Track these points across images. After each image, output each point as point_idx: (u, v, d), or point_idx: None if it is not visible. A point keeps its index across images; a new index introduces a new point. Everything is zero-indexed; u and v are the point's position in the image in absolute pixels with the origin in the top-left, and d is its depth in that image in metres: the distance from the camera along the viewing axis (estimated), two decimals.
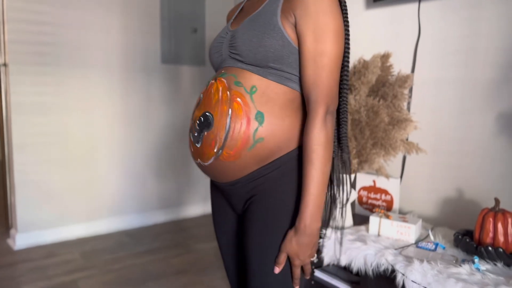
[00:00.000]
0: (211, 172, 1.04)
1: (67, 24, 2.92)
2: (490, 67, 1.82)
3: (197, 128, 1.00)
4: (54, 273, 2.50)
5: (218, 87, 0.99)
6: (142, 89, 3.32)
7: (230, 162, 0.98)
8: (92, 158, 3.14)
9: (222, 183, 1.05)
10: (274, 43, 0.94)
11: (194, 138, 1.02)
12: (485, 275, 1.42)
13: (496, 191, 1.79)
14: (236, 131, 0.95)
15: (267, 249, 1.00)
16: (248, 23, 0.99)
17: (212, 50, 1.10)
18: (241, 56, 0.98)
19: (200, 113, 1.00)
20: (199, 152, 1.01)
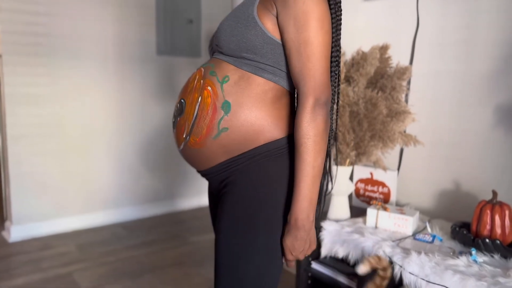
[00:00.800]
0: (186, 159, 1.07)
1: (61, 14, 2.88)
2: (488, 59, 1.81)
3: (175, 114, 1.04)
4: (49, 266, 2.49)
5: (196, 76, 1.02)
6: (138, 81, 3.29)
7: (196, 150, 0.99)
8: (87, 149, 3.11)
9: (199, 172, 1.09)
10: (246, 32, 0.94)
11: (173, 123, 1.06)
12: (482, 267, 1.42)
13: (493, 183, 1.79)
14: (202, 119, 0.96)
15: (232, 251, 0.97)
16: (229, 15, 1.02)
17: (210, 43, 1.13)
18: (220, 47, 1.01)
19: (178, 100, 1.04)
20: (174, 137, 1.05)
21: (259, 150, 0.97)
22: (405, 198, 2.14)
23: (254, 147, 0.97)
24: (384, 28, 2.21)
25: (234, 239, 0.98)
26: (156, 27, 3.33)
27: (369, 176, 2.15)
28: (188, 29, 3.53)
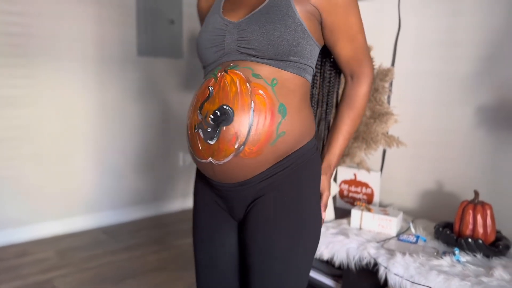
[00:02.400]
0: (222, 172, 0.95)
1: (39, 14, 2.81)
2: (470, 60, 1.83)
3: (211, 123, 0.91)
4: (28, 272, 2.42)
5: (233, 79, 0.92)
6: (118, 82, 3.24)
7: (250, 159, 0.92)
8: (67, 152, 3.04)
9: (228, 184, 0.98)
10: (296, 36, 0.93)
11: (206, 134, 0.92)
12: (465, 267, 1.43)
13: (475, 183, 1.81)
14: (260, 125, 0.90)
15: (291, 255, 0.98)
16: (260, 16, 0.94)
17: (205, 43, 1.00)
18: (257, 50, 0.93)
19: (214, 106, 0.91)
20: (212, 149, 0.92)
21: (302, 151, 0.99)
22: (388, 198, 2.15)
23: (299, 148, 0.98)
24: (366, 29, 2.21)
25: (286, 243, 0.98)
26: (137, 28, 3.28)
27: (353, 177, 2.15)
28: (169, 30, 3.48)
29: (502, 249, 1.51)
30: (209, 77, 0.97)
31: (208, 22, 1.03)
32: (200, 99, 0.95)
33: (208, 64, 1.02)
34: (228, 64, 0.95)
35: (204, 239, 1.11)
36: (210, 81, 0.95)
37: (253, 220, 1.00)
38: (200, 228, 1.12)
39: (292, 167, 0.98)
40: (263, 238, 0.98)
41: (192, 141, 0.96)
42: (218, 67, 0.97)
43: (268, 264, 0.98)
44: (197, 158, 0.97)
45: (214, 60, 1.00)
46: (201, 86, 0.98)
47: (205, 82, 0.97)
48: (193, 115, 0.96)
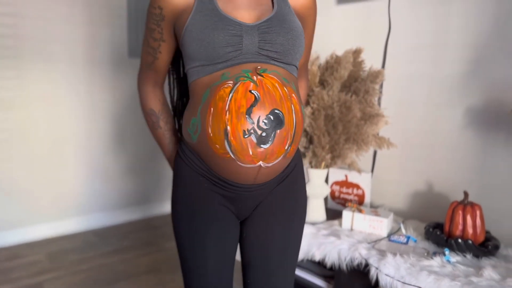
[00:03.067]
0: (263, 174, 1.00)
1: (29, 15, 2.79)
2: (459, 63, 1.86)
3: (265, 128, 0.94)
4: (19, 276, 2.40)
5: (273, 84, 0.96)
6: (109, 84, 3.22)
7: (288, 158, 1.02)
8: (57, 155, 3.02)
9: (255, 185, 1.03)
10: (303, 44, 1.04)
11: (260, 139, 0.94)
12: (455, 267, 1.45)
13: (464, 183, 1.83)
14: (299, 125, 0.99)
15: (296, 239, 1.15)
16: (281, 22, 1.01)
17: (220, 42, 0.97)
18: (279, 54, 0.99)
19: (265, 111, 0.94)
20: (265, 153, 0.95)
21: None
22: (379, 199, 2.17)
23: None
24: (357, 32, 2.23)
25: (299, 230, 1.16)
26: (128, 29, 3.26)
27: (344, 179, 2.17)
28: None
29: (491, 249, 1.53)
30: (242, 80, 0.95)
31: (212, 19, 0.98)
32: (244, 103, 0.94)
33: (214, 63, 0.99)
34: (256, 67, 0.97)
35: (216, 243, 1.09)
36: (249, 85, 0.95)
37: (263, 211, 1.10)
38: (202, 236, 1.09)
39: (297, 157, 1.12)
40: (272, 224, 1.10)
41: (238, 147, 0.95)
42: (246, 70, 0.97)
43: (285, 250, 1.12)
44: (243, 164, 0.97)
45: (225, 60, 0.98)
46: (234, 89, 0.95)
47: (240, 85, 0.95)
48: (237, 120, 0.93)
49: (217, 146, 0.96)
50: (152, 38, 1.09)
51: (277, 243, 1.11)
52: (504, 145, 1.73)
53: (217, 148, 0.96)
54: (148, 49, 1.11)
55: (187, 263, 1.12)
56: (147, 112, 1.18)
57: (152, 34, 1.08)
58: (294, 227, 1.13)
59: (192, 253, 1.11)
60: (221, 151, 0.96)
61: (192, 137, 1.02)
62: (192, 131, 1.01)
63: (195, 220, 1.09)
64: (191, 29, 0.99)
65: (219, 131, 0.95)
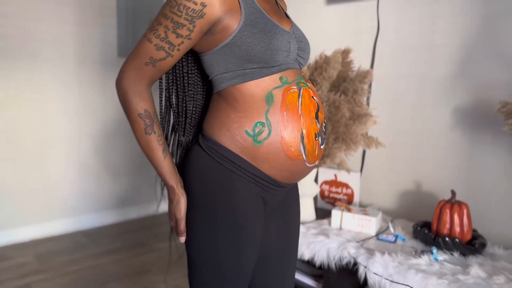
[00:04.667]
0: (305, 172, 1.07)
1: (18, 14, 2.76)
2: (446, 63, 1.87)
3: (324, 130, 1.07)
4: (6, 278, 2.38)
5: (315, 91, 1.08)
6: (98, 84, 3.20)
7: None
8: (45, 155, 3.00)
9: (291, 184, 1.10)
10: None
11: (322, 140, 1.06)
12: (443, 265, 1.46)
13: (452, 183, 1.85)
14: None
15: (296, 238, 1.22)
16: (301, 32, 1.10)
17: (283, 46, 0.99)
18: (305, 61, 1.09)
19: (323, 116, 1.07)
20: (321, 152, 1.08)
21: None
22: (368, 198, 2.18)
23: None
24: (346, 32, 2.24)
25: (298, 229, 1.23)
26: (118, 29, 3.25)
27: (333, 178, 2.18)
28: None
29: (478, 247, 1.54)
30: (302, 87, 1.03)
31: (271, 23, 0.98)
32: (312, 108, 1.03)
33: (269, 66, 0.99)
34: (298, 75, 1.05)
35: (253, 241, 1.06)
36: (308, 92, 1.04)
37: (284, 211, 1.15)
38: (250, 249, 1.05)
39: None
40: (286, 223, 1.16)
41: (310, 148, 1.02)
42: (299, 76, 1.05)
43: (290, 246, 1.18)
44: (309, 164, 1.04)
45: (279, 64, 1.00)
46: (300, 94, 1.01)
47: (304, 92, 1.02)
48: (310, 124, 1.02)
49: (292, 149, 0.99)
50: (175, 33, 0.95)
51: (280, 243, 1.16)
52: (491, 144, 1.75)
53: (291, 151, 0.99)
54: (163, 43, 0.96)
55: (224, 273, 1.04)
56: (139, 114, 1.00)
57: (179, 29, 0.95)
58: (296, 226, 1.20)
59: (234, 263, 1.04)
60: (296, 154, 1.00)
61: (255, 141, 0.97)
62: (255, 135, 0.97)
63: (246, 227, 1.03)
64: (252, 30, 0.95)
65: (295, 135, 0.99)
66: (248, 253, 1.04)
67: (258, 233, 1.05)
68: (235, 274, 1.03)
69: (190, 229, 1.04)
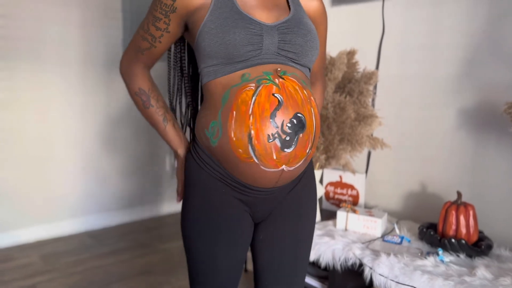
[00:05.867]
0: (284, 177, 0.99)
1: (22, 16, 2.78)
2: (451, 64, 1.87)
3: (289, 132, 0.93)
4: (12, 278, 2.39)
5: (294, 87, 0.96)
6: (103, 84, 3.21)
7: (306, 161, 1.02)
8: (50, 156, 3.01)
9: (274, 188, 1.02)
10: (318, 47, 1.06)
11: (284, 143, 0.93)
12: (449, 267, 1.46)
13: (457, 184, 1.84)
14: (318, 129, 1.00)
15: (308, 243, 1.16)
16: (298, 24, 1.02)
17: (241, 41, 0.95)
18: (297, 55, 1.00)
19: (289, 115, 0.93)
20: (288, 157, 0.94)
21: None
22: (373, 200, 2.18)
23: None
24: (351, 33, 2.24)
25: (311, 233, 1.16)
26: (123, 30, 3.26)
27: (339, 179, 2.17)
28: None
29: (484, 249, 1.54)
30: (264, 83, 0.94)
31: (233, 17, 0.97)
32: (268, 107, 0.92)
33: (233, 62, 0.97)
34: (276, 69, 0.97)
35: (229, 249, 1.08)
36: (271, 88, 0.94)
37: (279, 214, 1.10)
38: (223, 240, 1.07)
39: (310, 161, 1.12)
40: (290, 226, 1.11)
41: (263, 152, 0.94)
42: (267, 72, 0.96)
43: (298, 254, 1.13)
44: (266, 168, 0.96)
45: (244, 59, 0.97)
46: (257, 92, 0.94)
47: (263, 88, 0.94)
48: (262, 124, 0.92)
49: (240, 150, 0.94)
50: (154, 26, 1.04)
51: (291, 247, 1.11)
52: (497, 145, 1.74)
53: (240, 152, 0.94)
54: (146, 35, 1.06)
55: (196, 268, 1.10)
56: (135, 92, 1.14)
57: (156, 22, 1.04)
58: (307, 230, 1.15)
59: (203, 257, 1.08)
60: (244, 156, 0.94)
61: (212, 141, 0.98)
62: (211, 134, 0.98)
63: (209, 225, 1.06)
64: (210, 25, 0.96)
65: (242, 136, 0.93)
66: (207, 251, 1.07)
67: (224, 233, 1.06)
68: (200, 271, 1.10)
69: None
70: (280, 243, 1.11)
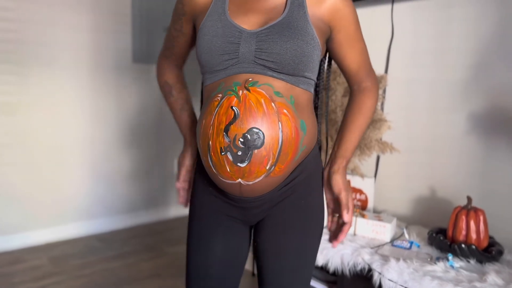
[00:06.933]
0: (249, 190, 0.96)
1: (33, 21, 2.81)
2: (461, 67, 1.86)
3: (241, 147, 0.89)
4: (21, 280, 2.40)
5: (258, 99, 0.90)
6: (113, 89, 3.24)
7: (278, 177, 0.96)
8: (60, 159, 3.03)
9: (251, 198, 1.00)
10: (313, 53, 0.95)
11: (236, 157, 0.90)
12: (459, 272, 1.44)
13: (467, 189, 1.83)
14: (287, 144, 0.92)
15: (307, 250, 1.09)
16: (282, 30, 0.93)
17: (216, 49, 0.95)
18: (276, 64, 0.93)
19: (243, 129, 0.89)
20: (243, 171, 0.92)
21: (311, 156, 1.05)
22: (382, 204, 2.16)
23: (308, 153, 1.04)
24: None
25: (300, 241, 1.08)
26: (132, 35, 3.29)
27: None
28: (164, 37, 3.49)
29: (495, 254, 1.52)
30: (228, 94, 0.92)
31: (214, 25, 0.97)
32: (224, 120, 0.91)
33: (213, 70, 0.98)
34: (247, 79, 0.93)
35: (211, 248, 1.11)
36: (232, 100, 0.91)
37: (271, 224, 1.07)
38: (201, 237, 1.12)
39: (304, 171, 1.04)
40: (283, 238, 1.06)
41: (217, 163, 0.93)
42: (235, 82, 0.93)
43: (285, 261, 1.07)
44: (223, 179, 0.95)
45: (223, 68, 0.96)
46: (220, 103, 0.93)
47: (226, 100, 0.92)
48: (217, 136, 0.92)
49: (205, 159, 0.97)
50: (173, 28, 1.16)
51: (285, 255, 1.08)
52: (507, 150, 1.73)
53: (205, 160, 0.97)
54: (169, 35, 1.20)
55: (189, 266, 1.15)
56: (161, 84, 1.26)
57: (174, 24, 1.15)
58: (303, 239, 1.08)
59: (195, 257, 1.13)
60: (207, 164, 0.97)
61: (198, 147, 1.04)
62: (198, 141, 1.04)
63: (202, 225, 1.11)
64: (201, 32, 0.98)
65: (204, 145, 0.95)
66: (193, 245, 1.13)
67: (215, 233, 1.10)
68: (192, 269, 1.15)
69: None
70: (271, 253, 1.08)
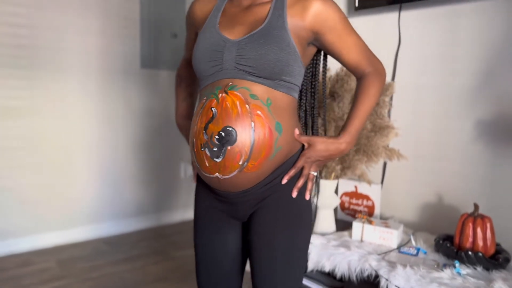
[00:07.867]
0: (227, 184, 1.06)
1: (43, 26, 2.86)
2: (468, 75, 1.87)
3: (217, 143, 1.01)
4: (30, 283, 2.43)
5: (234, 101, 1.01)
6: (121, 94, 3.27)
7: (252, 173, 1.04)
8: (68, 163, 3.07)
9: (233, 193, 1.09)
10: (289, 58, 1.03)
11: (212, 153, 1.02)
12: (466, 279, 1.45)
13: (474, 195, 1.83)
14: (260, 143, 1.01)
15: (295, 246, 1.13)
16: (259, 38, 1.03)
17: (204, 58, 1.08)
18: (254, 69, 1.02)
19: (218, 127, 1.01)
20: (219, 166, 1.03)
21: (293, 159, 1.12)
22: (389, 211, 2.17)
23: (290, 156, 1.11)
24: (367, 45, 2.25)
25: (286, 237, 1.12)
26: (140, 40, 3.32)
27: (354, 190, 2.17)
28: (172, 43, 3.53)
29: (502, 262, 1.52)
30: (211, 97, 1.05)
31: (205, 36, 1.10)
32: (204, 120, 1.04)
33: (204, 76, 1.10)
34: (227, 84, 1.04)
35: (206, 242, 1.22)
36: (212, 102, 1.04)
37: (258, 220, 1.13)
38: (201, 232, 1.23)
39: (285, 172, 1.11)
40: (268, 234, 1.11)
41: (199, 158, 1.06)
42: (218, 87, 1.05)
43: (272, 257, 1.11)
44: (204, 173, 1.07)
45: (210, 74, 1.08)
46: (204, 105, 1.06)
47: (208, 102, 1.05)
48: (198, 134, 1.04)
49: (192, 154, 1.10)
50: (187, 36, 1.32)
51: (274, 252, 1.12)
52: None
53: (192, 156, 1.10)
54: (186, 43, 1.36)
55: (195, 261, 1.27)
56: (176, 75, 1.43)
57: (187, 33, 1.31)
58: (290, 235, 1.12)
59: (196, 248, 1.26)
60: (193, 159, 1.11)
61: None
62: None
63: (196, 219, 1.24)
64: (195, 44, 1.14)
65: (191, 142, 1.09)
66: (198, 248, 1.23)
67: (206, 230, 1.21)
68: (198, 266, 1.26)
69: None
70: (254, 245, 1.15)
